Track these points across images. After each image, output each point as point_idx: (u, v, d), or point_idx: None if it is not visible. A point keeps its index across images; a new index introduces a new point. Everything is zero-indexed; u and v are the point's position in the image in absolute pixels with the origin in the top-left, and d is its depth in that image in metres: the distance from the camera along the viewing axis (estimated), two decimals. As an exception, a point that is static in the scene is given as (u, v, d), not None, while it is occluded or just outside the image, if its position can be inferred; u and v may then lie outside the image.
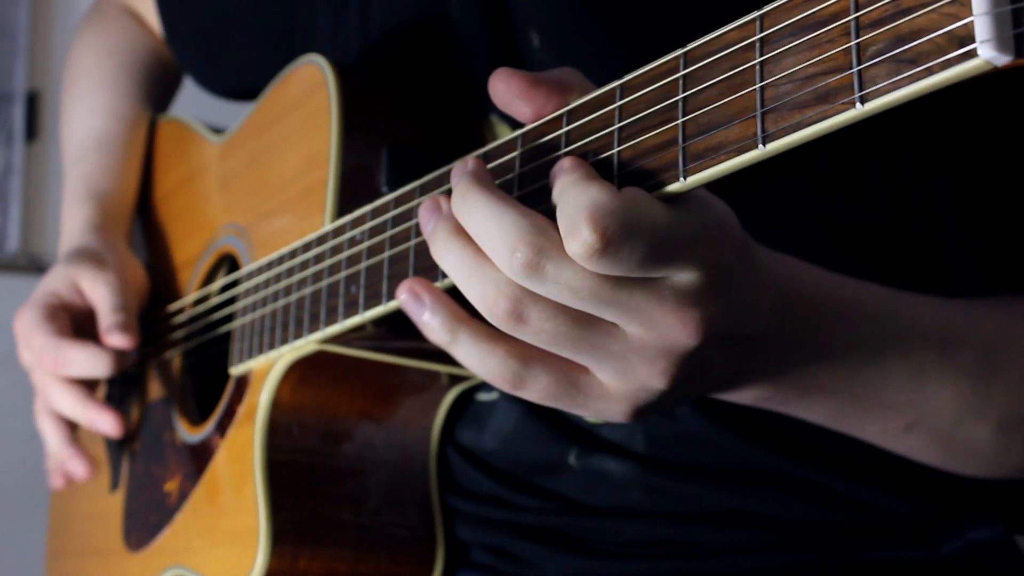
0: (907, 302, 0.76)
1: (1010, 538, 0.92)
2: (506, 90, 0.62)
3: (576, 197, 0.54)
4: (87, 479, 1.10)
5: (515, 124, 0.92)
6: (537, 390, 0.60)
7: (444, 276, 0.66)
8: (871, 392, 0.75)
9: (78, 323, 1.07)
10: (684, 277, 0.57)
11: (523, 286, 0.57)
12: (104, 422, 1.04)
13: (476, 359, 0.61)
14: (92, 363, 1.02)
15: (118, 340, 1.02)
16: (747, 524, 0.89)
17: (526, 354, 0.60)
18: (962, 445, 0.81)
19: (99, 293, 1.06)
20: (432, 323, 0.61)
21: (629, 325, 0.58)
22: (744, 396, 0.71)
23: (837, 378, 0.72)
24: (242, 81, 1.18)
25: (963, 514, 0.91)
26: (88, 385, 1.06)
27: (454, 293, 0.62)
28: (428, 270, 0.68)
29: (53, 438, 1.08)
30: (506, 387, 0.61)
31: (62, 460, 1.09)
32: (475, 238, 0.58)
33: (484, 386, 0.94)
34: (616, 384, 0.61)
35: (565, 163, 0.58)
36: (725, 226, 0.58)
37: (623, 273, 0.55)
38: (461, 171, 0.61)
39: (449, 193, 0.62)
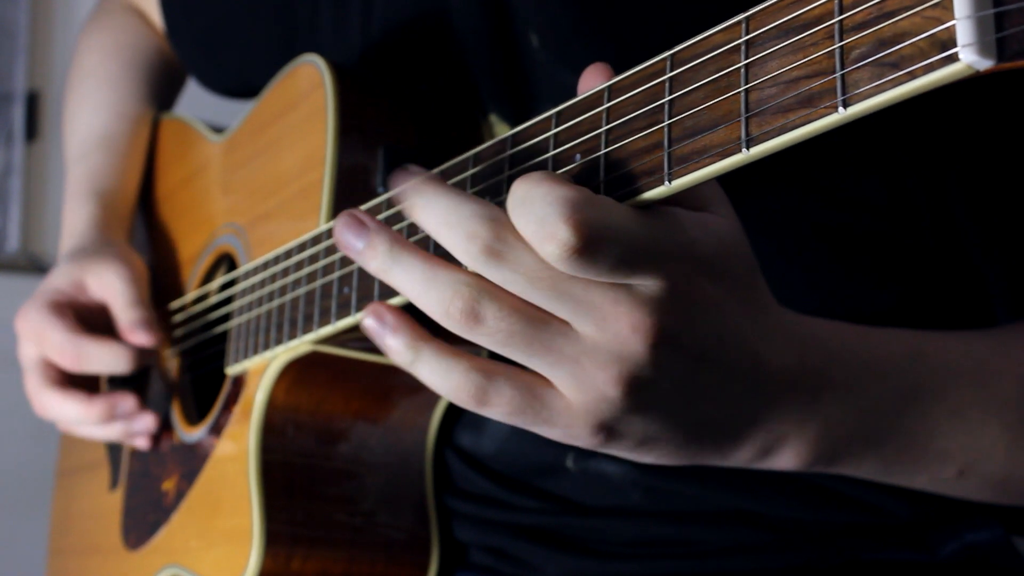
0: (933, 341, 0.74)
1: (1008, 540, 0.92)
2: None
3: (548, 193, 0.53)
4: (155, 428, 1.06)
5: (515, 124, 0.91)
6: (501, 405, 0.59)
7: None
8: (916, 442, 0.73)
9: (82, 319, 1.07)
10: (644, 284, 0.56)
11: (477, 284, 0.57)
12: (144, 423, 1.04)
13: (440, 376, 0.59)
14: (114, 360, 1.01)
15: (142, 338, 1.02)
16: (746, 524, 0.89)
17: (489, 367, 0.59)
18: (1018, 483, 0.79)
19: (110, 287, 1.06)
20: (395, 344, 0.60)
21: (582, 324, 0.56)
22: (772, 460, 0.69)
23: (876, 433, 0.71)
24: (243, 80, 1.18)
25: (961, 516, 0.91)
26: (87, 384, 1.06)
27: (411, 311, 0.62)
28: None
29: (92, 414, 1.04)
30: (471, 404, 0.59)
31: (126, 428, 1.05)
32: (433, 231, 0.57)
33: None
34: (575, 395, 0.59)
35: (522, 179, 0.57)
36: (695, 246, 0.57)
37: (594, 276, 0.54)
38: (408, 177, 0.60)
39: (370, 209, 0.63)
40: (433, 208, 0.57)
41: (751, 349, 0.62)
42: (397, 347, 0.60)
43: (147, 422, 1.04)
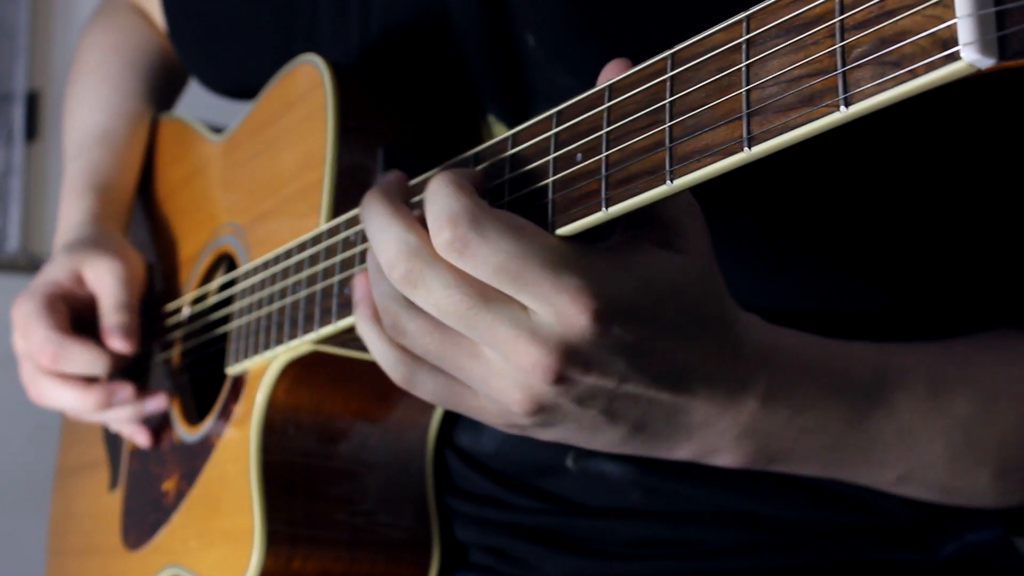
0: (895, 359, 0.76)
1: (1008, 540, 0.92)
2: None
3: (446, 197, 0.60)
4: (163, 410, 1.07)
5: (512, 124, 0.92)
6: (425, 393, 0.67)
7: None
8: (859, 453, 0.76)
9: (77, 313, 1.07)
10: (538, 315, 0.59)
11: (404, 301, 0.63)
12: (155, 403, 1.05)
13: (377, 355, 0.68)
14: (91, 362, 1.02)
15: (119, 344, 1.02)
16: (746, 524, 0.89)
17: (415, 361, 0.66)
18: (960, 491, 0.81)
19: (103, 283, 1.06)
20: (355, 313, 0.70)
21: (489, 349, 0.61)
22: (707, 461, 0.72)
23: (817, 448, 0.73)
24: (244, 79, 1.18)
25: (962, 516, 0.91)
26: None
27: None
28: None
29: (89, 402, 1.05)
30: (400, 384, 0.67)
31: (133, 414, 1.06)
32: (373, 248, 0.65)
33: (481, 388, 0.94)
34: (487, 402, 0.65)
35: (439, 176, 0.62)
36: (603, 286, 0.59)
37: (482, 277, 0.59)
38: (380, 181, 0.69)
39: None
40: (368, 227, 0.65)
41: (689, 380, 0.65)
42: (356, 317, 0.70)
43: (158, 402, 1.05)
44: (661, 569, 0.89)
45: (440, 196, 0.60)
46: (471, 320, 0.60)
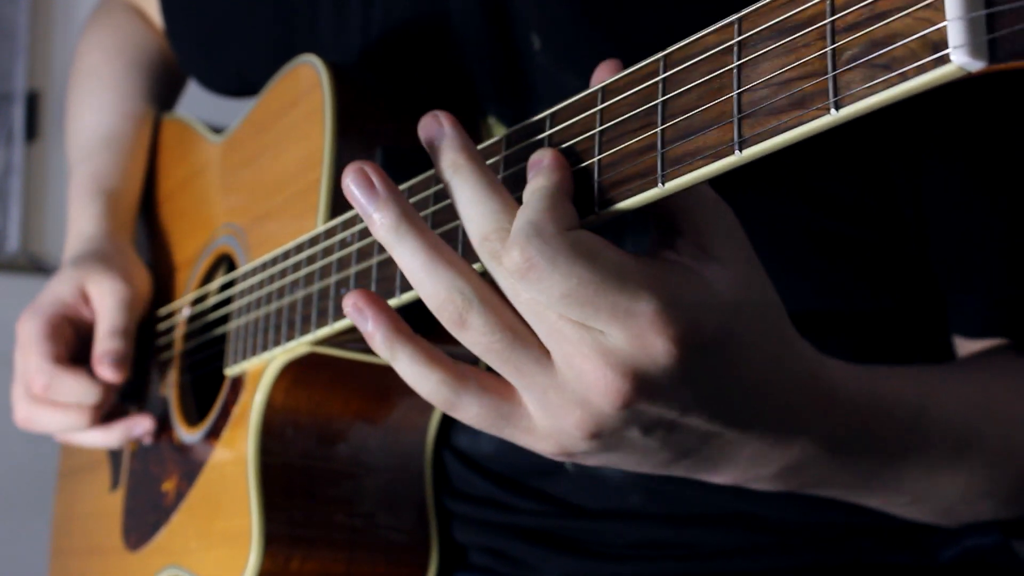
0: (934, 402, 0.75)
1: (1007, 544, 0.92)
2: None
3: (521, 214, 0.55)
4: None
5: (513, 125, 0.91)
6: (468, 417, 0.61)
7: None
8: (884, 486, 0.76)
9: (81, 333, 1.08)
10: (610, 334, 0.55)
11: (471, 292, 0.57)
12: (139, 426, 1.06)
13: (412, 379, 0.61)
14: (82, 393, 1.03)
15: (108, 373, 1.03)
16: (746, 526, 0.89)
17: (460, 382, 0.60)
18: (961, 514, 0.82)
19: (104, 305, 1.06)
20: (374, 337, 0.61)
21: (554, 353, 0.57)
22: (744, 484, 0.70)
23: (849, 479, 0.73)
24: (242, 79, 1.18)
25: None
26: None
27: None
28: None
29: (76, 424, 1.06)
30: (440, 407, 0.62)
31: (121, 435, 1.07)
32: (458, 212, 0.59)
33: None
34: (540, 419, 0.60)
35: (545, 161, 0.58)
36: (681, 311, 0.55)
37: (547, 305, 0.55)
38: (438, 132, 0.61)
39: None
40: (464, 193, 0.59)
41: (750, 417, 0.62)
42: (375, 340, 0.61)
43: (144, 426, 1.05)
44: (661, 570, 0.89)
45: (525, 208, 0.56)
46: (548, 314, 0.56)
